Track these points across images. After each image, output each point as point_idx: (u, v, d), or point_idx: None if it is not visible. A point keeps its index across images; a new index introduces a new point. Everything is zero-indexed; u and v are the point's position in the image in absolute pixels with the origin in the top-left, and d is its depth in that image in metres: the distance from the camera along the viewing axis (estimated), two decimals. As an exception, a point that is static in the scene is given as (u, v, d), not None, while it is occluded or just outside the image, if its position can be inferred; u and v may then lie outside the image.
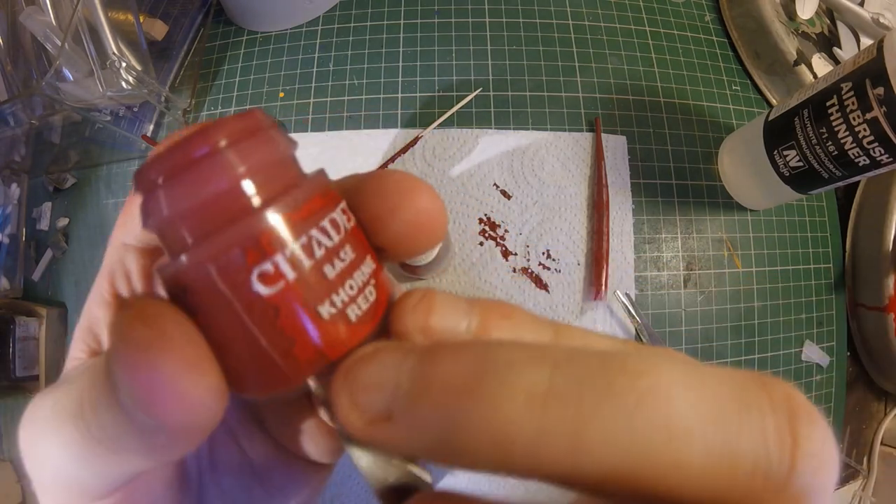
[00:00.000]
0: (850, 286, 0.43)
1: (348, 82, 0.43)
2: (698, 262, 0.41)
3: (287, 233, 0.09)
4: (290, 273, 0.09)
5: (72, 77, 0.37)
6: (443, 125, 0.41)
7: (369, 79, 0.43)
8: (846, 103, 0.31)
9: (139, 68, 0.40)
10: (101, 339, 0.13)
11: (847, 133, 0.31)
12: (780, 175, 0.37)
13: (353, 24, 0.44)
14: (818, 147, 0.33)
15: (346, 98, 0.43)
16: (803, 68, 0.43)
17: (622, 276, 0.40)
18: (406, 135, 0.41)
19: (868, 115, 0.30)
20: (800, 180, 0.36)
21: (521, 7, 0.45)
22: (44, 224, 0.44)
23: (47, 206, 0.45)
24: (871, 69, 0.29)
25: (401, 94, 0.43)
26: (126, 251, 0.12)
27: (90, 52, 0.37)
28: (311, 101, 0.43)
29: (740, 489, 0.07)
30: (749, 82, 0.45)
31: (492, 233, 0.40)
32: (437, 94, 0.43)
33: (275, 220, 0.09)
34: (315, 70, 0.43)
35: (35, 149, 0.45)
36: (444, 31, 0.44)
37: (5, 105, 0.36)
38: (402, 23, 0.44)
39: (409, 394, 0.08)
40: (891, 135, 0.29)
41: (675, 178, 0.42)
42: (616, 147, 0.42)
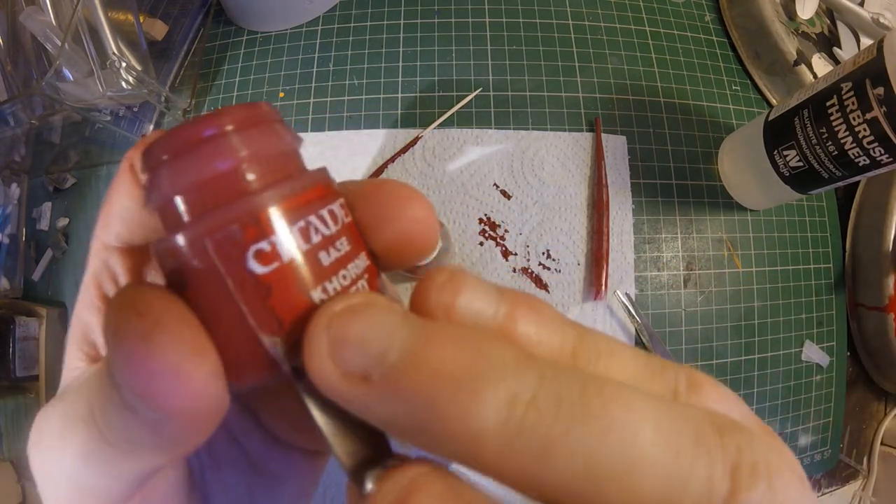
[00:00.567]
0: (850, 286, 0.43)
1: (348, 82, 0.43)
2: (698, 262, 0.41)
3: (286, 215, 0.09)
4: (285, 254, 0.09)
5: (72, 77, 0.37)
6: (443, 125, 0.41)
7: (369, 79, 0.43)
8: (846, 103, 0.31)
9: (139, 68, 0.40)
10: (97, 344, 0.12)
11: (847, 133, 0.31)
12: (780, 175, 0.37)
13: (353, 24, 0.44)
14: (818, 147, 0.33)
15: (346, 98, 0.43)
16: (803, 68, 0.43)
17: (622, 276, 0.40)
18: (406, 135, 0.41)
19: (868, 115, 0.30)
20: (800, 180, 0.36)
21: (521, 7, 0.45)
22: (44, 224, 0.44)
23: (47, 206, 0.45)
24: (871, 69, 0.29)
25: (401, 94, 0.43)
26: (109, 253, 0.12)
27: (90, 52, 0.37)
28: (311, 101, 0.43)
29: None
30: (749, 82, 0.45)
31: (492, 233, 0.40)
32: (437, 94, 0.42)
33: (275, 202, 0.09)
34: (315, 70, 0.43)
35: (35, 149, 0.45)
36: (444, 31, 0.44)
37: (5, 105, 0.37)
38: (402, 23, 0.44)
39: (395, 365, 0.08)
40: (891, 135, 0.29)
41: (675, 178, 0.42)
42: (616, 147, 0.42)
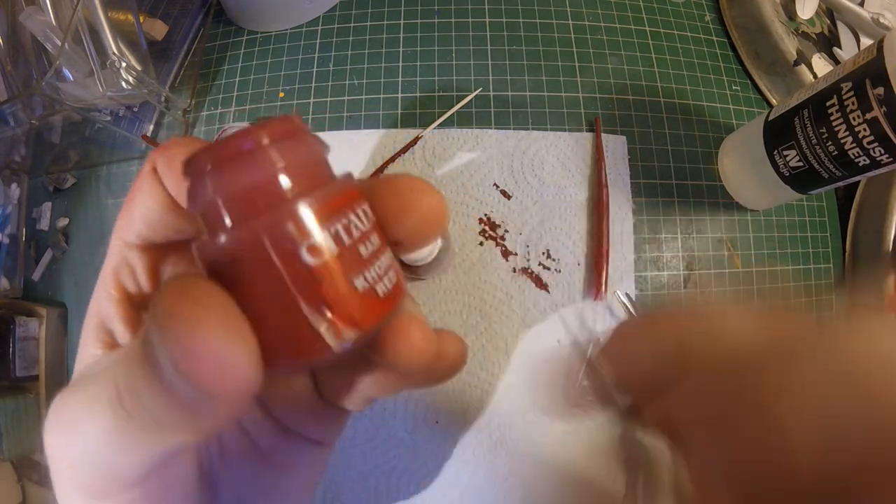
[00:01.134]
0: (850, 286, 0.43)
1: (348, 82, 0.43)
2: (698, 262, 0.41)
3: (332, 213, 0.11)
4: (333, 247, 0.10)
5: (72, 77, 0.37)
6: (443, 125, 0.41)
7: (369, 79, 0.43)
8: (846, 103, 0.31)
9: (139, 68, 0.40)
10: (115, 333, 0.13)
11: (847, 133, 0.31)
12: (780, 175, 0.37)
13: (353, 24, 0.44)
14: (818, 147, 0.33)
15: (346, 98, 0.43)
16: (803, 68, 0.43)
17: (622, 276, 0.40)
18: (406, 135, 0.41)
19: (868, 115, 0.30)
20: (800, 180, 0.36)
21: (521, 7, 0.45)
22: (44, 224, 0.44)
23: (47, 206, 0.45)
24: (871, 69, 0.29)
25: (401, 94, 0.43)
26: (129, 249, 0.13)
27: (90, 52, 0.37)
28: (311, 101, 0.43)
29: None
30: (749, 82, 0.45)
31: (492, 233, 0.40)
32: (437, 94, 0.42)
33: (323, 202, 0.11)
34: (315, 70, 0.43)
35: (35, 149, 0.45)
36: (444, 31, 0.44)
37: (5, 105, 0.37)
38: (402, 23, 0.44)
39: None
40: (891, 135, 0.29)
41: (675, 178, 0.42)
42: (616, 147, 0.42)
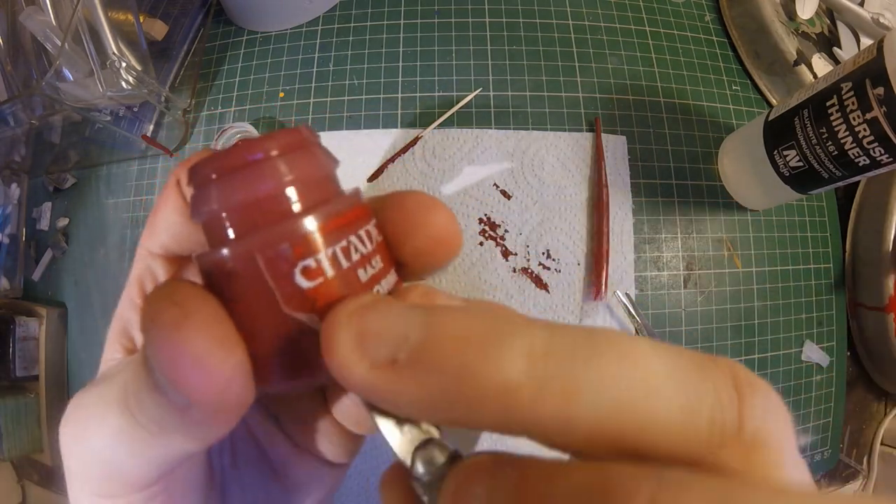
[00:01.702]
0: (850, 286, 0.43)
1: (348, 82, 0.43)
2: (698, 262, 0.41)
3: (331, 235, 0.10)
4: (330, 270, 0.10)
5: (72, 77, 0.37)
6: (443, 125, 0.41)
7: (369, 79, 0.43)
8: (846, 103, 0.31)
9: (139, 68, 0.40)
10: (135, 338, 0.14)
11: (847, 133, 0.31)
12: (780, 175, 0.37)
13: (353, 24, 0.44)
14: (818, 147, 0.33)
15: (346, 98, 0.43)
16: (803, 68, 0.43)
17: (622, 276, 0.40)
18: (406, 135, 0.41)
19: (868, 115, 0.30)
20: (800, 180, 0.36)
21: (521, 7, 0.45)
22: (44, 224, 0.44)
23: (47, 206, 0.45)
24: (871, 69, 0.29)
25: (401, 94, 0.43)
26: (153, 259, 0.14)
27: (90, 52, 0.37)
28: (311, 101, 0.43)
29: (704, 439, 0.08)
30: (749, 82, 0.45)
31: (492, 233, 0.40)
32: (437, 94, 0.42)
33: (321, 223, 0.10)
34: (315, 70, 0.43)
35: (35, 149, 0.45)
36: (444, 31, 0.44)
37: (5, 105, 0.37)
38: (402, 23, 0.44)
39: (418, 344, 0.09)
40: (891, 135, 0.29)
41: (675, 178, 0.42)
42: (616, 147, 0.42)
